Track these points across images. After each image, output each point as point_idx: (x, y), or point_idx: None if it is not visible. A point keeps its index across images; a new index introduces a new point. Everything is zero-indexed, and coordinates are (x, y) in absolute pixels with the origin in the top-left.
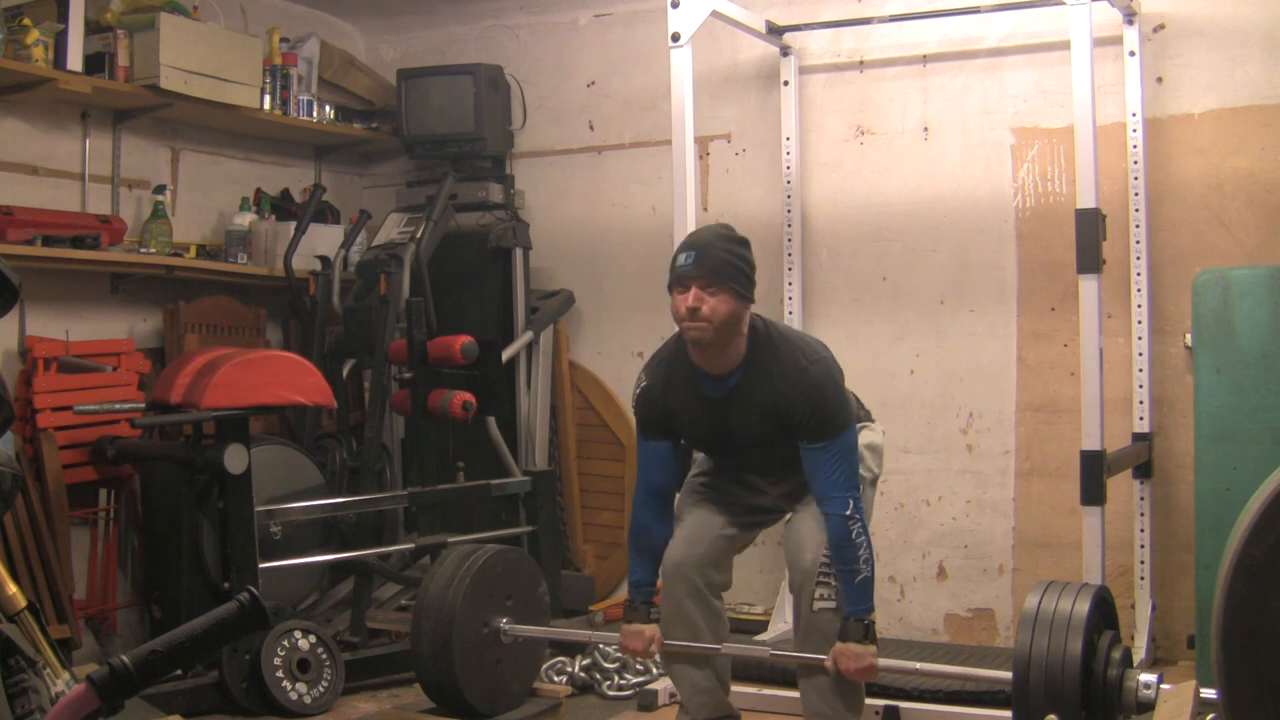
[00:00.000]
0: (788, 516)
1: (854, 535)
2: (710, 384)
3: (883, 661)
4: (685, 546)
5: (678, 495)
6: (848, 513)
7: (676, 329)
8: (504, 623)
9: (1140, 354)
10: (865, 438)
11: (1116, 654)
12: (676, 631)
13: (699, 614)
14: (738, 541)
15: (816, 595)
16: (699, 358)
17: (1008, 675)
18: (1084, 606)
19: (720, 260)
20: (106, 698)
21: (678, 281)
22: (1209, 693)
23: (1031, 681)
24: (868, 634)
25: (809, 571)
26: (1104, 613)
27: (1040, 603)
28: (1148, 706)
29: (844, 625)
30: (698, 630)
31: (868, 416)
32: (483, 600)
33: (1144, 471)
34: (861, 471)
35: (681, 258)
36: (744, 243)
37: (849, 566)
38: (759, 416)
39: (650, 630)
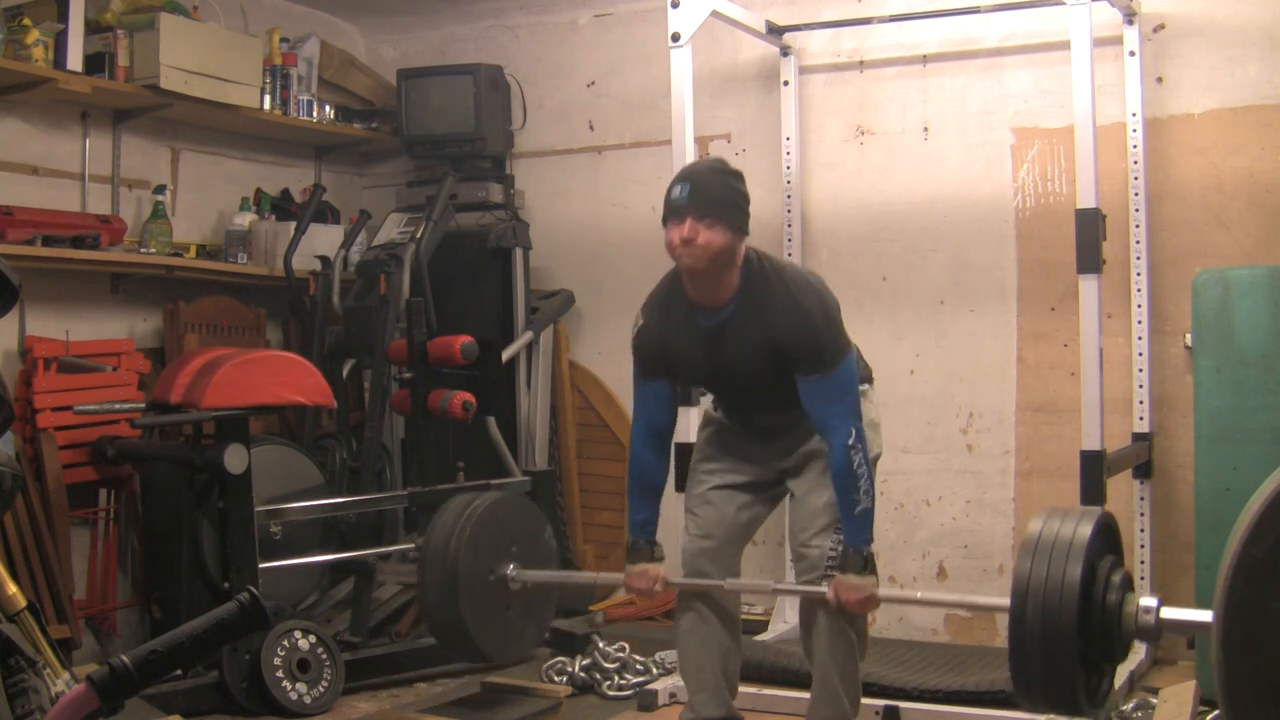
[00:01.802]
0: (790, 492)
1: (855, 465)
2: (705, 316)
3: (882, 592)
4: (698, 541)
5: (687, 482)
6: (850, 441)
7: (671, 270)
8: (510, 569)
9: (1140, 354)
10: (865, 412)
11: (1117, 578)
12: (696, 597)
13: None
14: (749, 529)
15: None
16: (693, 290)
17: (1006, 602)
18: (1086, 531)
19: (715, 193)
20: (106, 698)
21: (673, 213)
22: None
23: (1029, 609)
24: (867, 565)
25: (815, 564)
26: (1107, 538)
27: (1041, 529)
28: (1148, 632)
29: (844, 556)
30: (709, 614)
31: (868, 376)
32: (487, 547)
33: (1144, 471)
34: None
35: (676, 190)
36: (739, 176)
37: (849, 497)
38: (753, 348)
39: (655, 569)
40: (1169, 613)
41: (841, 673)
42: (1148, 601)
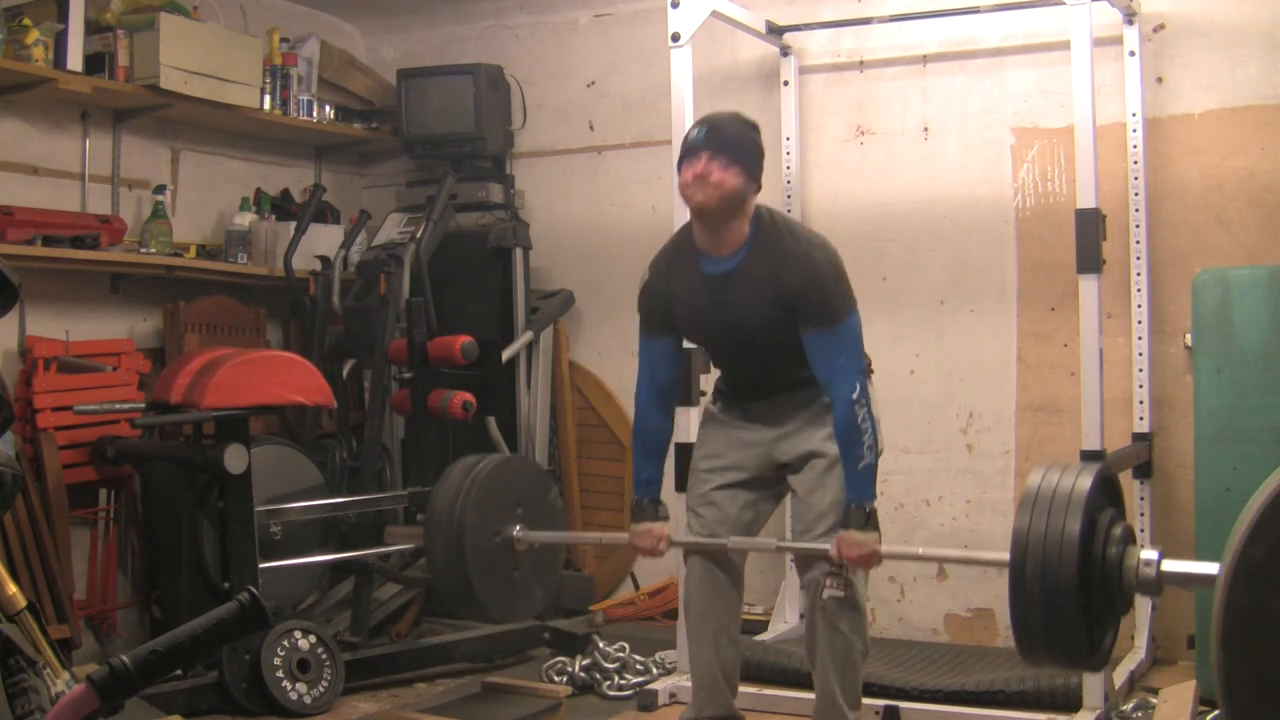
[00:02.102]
0: (792, 490)
1: (859, 420)
2: (712, 263)
3: (885, 548)
4: (702, 533)
5: (688, 482)
6: (854, 396)
7: (681, 227)
8: (517, 530)
9: (1140, 354)
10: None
11: (1117, 531)
12: (696, 602)
13: (716, 589)
14: (753, 528)
15: (827, 584)
16: (702, 236)
17: (1004, 557)
18: (1085, 484)
19: (732, 137)
20: (106, 698)
21: (688, 152)
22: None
23: (1029, 564)
24: (869, 521)
25: (817, 561)
26: (1107, 491)
27: (1040, 482)
28: (1150, 585)
29: (846, 512)
30: (710, 614)
31: (868, 367)
32: (492, 509)
33: (1144, 471)
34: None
35: (694, 132)
36: (756, 128)
37: (854, 451)
38: (759, 298)
39: (660, 528)
40: (1170, 565)
41: (840, 677)
42: (1149, 554)
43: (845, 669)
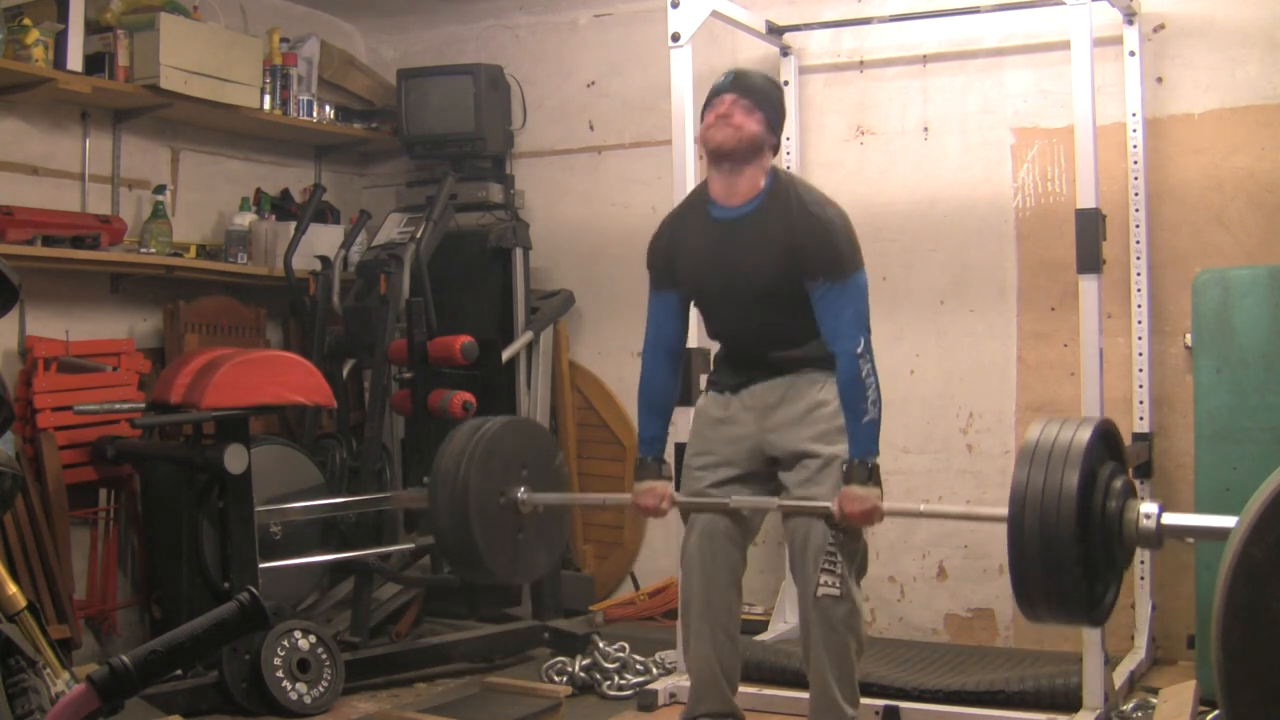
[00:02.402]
0: (784, 486)
1: (863, 374)
2: (723, 210)
3: (887, 505)
4: (698, 540)
5: (681, 481)
6: (858, 350)
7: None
8: (521, 492)
9: (1140, 354)
10: None
11: (1117, 484)
12: (695, 600)
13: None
14: (749, 523)
15: (821, 582)
16: (716, 183)
17: (1004, 512)
18: (1085, 436)
19: (757, 85)
20: (106, 698)
21: (713, 96)
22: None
23: (1027, 517)
24: (871, 476)
25: (813, 558)
26: (1108, 443)
27: (1039, 436)
28: (1149, 539)
29: (849, 467)
30: (709, 613)
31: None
32: (497, 471)
33: (1144, 471)
34: None
35: (721, 78)
36: (779, 86)
37: (857, 406)
38: (768, 245)
39: (662, 486)
40: (1170, 518)
41: (837, 674)
42: (1149, 507)
43: (842, 666)
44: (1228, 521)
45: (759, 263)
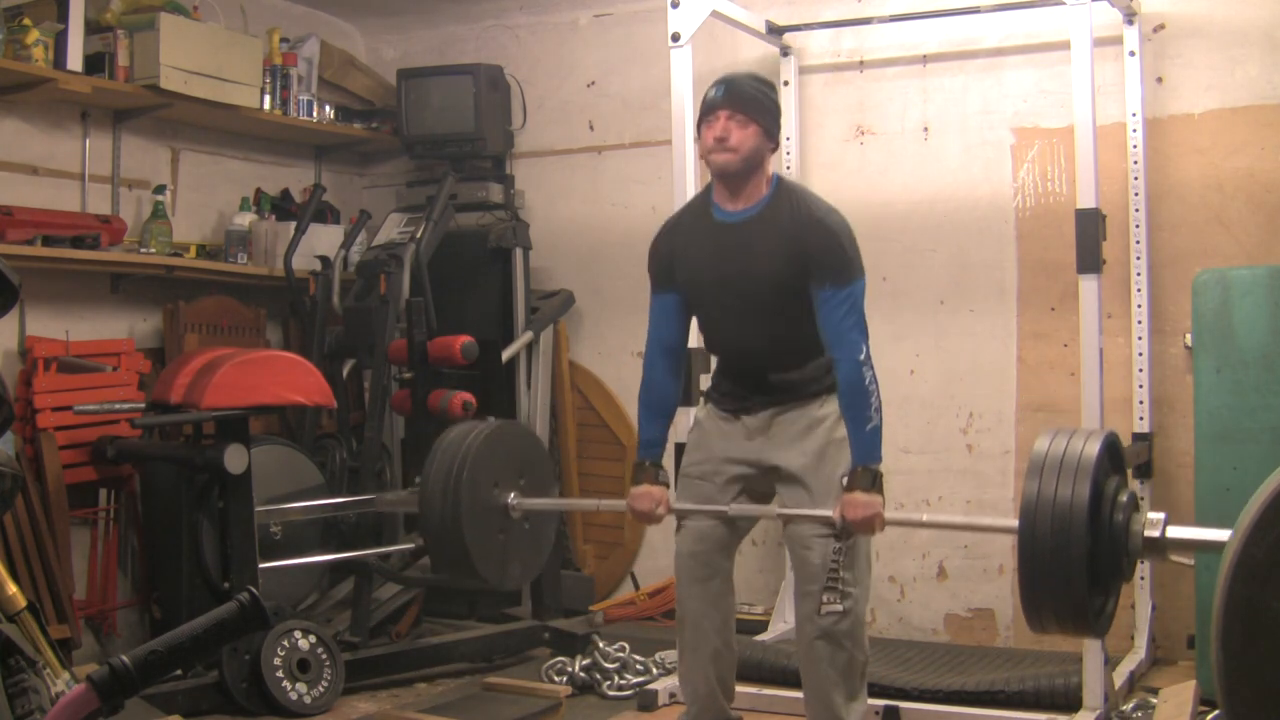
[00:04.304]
0: (783, 501)
1: (866, 381)
2: (726, 214)
3: (889, 513)
4: (690, 545)
5: (677, 486)
6: (860, 357)
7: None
8: (512, 496)
9: (1140, 354)
10: None
11: (1123, 497)
12: (690, 614)
13: (708, 597)
14: (741, 528)
15: (825, 600)
16: (720, 191)
17: (1014, 524)
18: (1094, 449)
19: (749, 94)
20: (106, 698)
21: (708, 111)
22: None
23: (1038, 528)
24: (875, 483)
25: (816, 574)
26: (1113, 457)
27: (1048, 448)
28: (1155, 549)
29: (852, 474)
30: (703, 621)
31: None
32: (487, 475)
33: (1144, 471)
34: None
35: (712, 91)
36: (772, 86)
37: (860, 414)
38: (770, 250)
39: (659, 492)
40: (1175, 531)
41: (846, 688)
42: (1154, 517)
43: (848, 680)
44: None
45: (761, 265)
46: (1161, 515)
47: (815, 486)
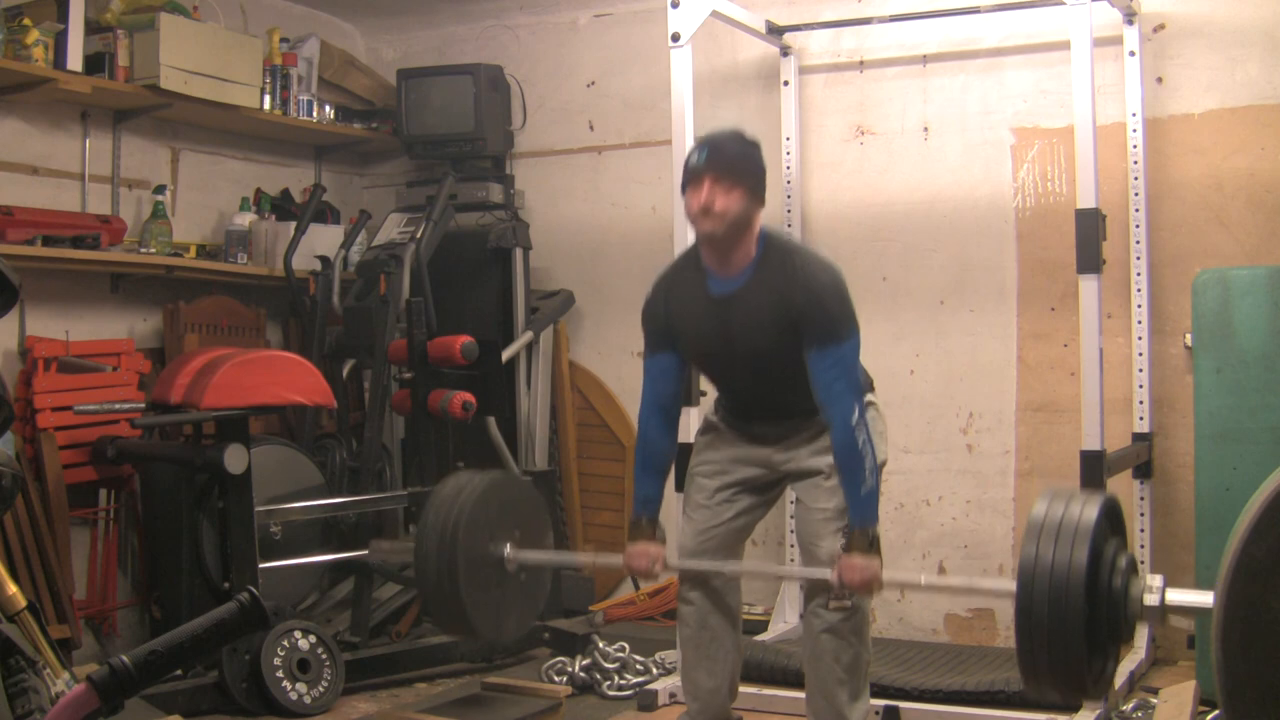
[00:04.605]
0: (794, 496)
1: (859, 444)
2: (718, 283)
3: (887, 575)
4: (694, 546)
5: (685, 485)
6: (853, 420)
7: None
8: (507, 549)
9: (1140, 354)
10: (871, 421)
11: (1122, 561)
12: (693, 623)
13: (710, 595)
14: (745, 533)
15: (833, 595)
16: (709, 256)
17: (1012, 586)
18: (1091, 514)
19: (733, 158)
20: (106, 698)
21: (692, 178)
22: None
23: (1036, 594)
24: (872, 545)
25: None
26: (1111, 520)
27: (1046, 512)
28: (1155, 612)
29: (850, 537)
30: (708, 618)
31: (869, 385)
32: (484, 525)
33: (1144, 471)
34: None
35: (695, 155)
36: (756, 145)
37: (855, 476)
38: (764, 318)
39: (656, 549)
40: (1174, 595)
41: (852, 685)
42: (1154, 581)
43: (854, 676)
44: None
45: (756, 336)
46: (1159, 579)
47: (829, 484)
